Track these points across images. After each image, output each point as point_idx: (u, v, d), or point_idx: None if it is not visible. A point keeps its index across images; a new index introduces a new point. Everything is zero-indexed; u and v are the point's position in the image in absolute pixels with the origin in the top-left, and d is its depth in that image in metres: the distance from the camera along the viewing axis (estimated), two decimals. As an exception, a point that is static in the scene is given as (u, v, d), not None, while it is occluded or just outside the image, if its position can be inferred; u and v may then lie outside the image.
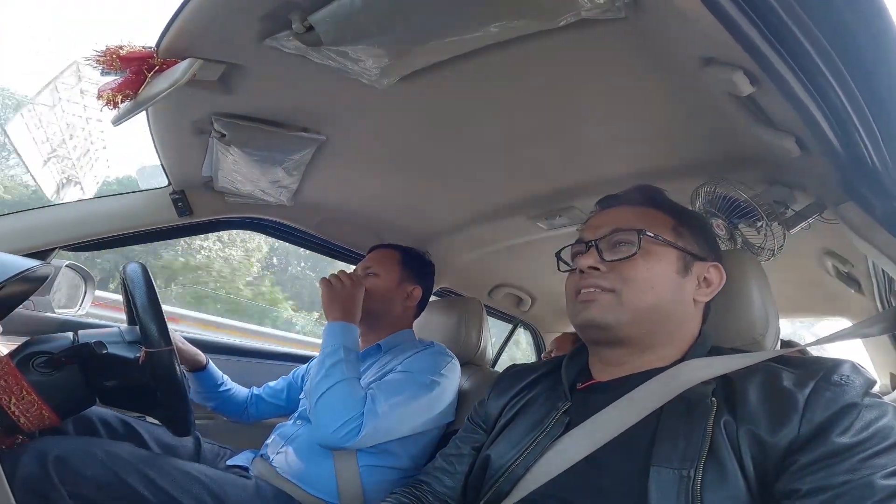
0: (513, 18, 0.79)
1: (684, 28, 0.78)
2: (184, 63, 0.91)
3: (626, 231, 0.86)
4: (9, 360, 0.93)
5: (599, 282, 0.84)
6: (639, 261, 0.83)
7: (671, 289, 0.84)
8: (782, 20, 0.63)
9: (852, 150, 0.80)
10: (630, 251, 0.84)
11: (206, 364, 1.46)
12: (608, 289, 0.83)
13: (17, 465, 0.92)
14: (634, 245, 0.84)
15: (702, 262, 0.88)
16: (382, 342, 1.49)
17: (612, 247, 0.87)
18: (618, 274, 0.84)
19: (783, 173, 1.13)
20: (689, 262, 0.86)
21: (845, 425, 0.62)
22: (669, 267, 0.84)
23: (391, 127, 1.23)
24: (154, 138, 1.26)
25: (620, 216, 0.90)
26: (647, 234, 0.85)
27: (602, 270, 0.85)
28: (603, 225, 0.90)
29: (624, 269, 0.84)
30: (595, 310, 0.83)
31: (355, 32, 0.83)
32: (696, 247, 0.88)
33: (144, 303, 1.02)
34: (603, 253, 0.86)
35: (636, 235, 0.84)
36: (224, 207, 1.56)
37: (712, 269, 0.88)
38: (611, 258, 0.85)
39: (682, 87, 0.95)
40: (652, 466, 0.68)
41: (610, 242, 0.87)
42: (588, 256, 0.86)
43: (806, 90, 0.72)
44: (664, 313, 0.83)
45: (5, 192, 11.87)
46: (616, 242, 0.87)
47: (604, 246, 0.87)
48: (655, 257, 0.84)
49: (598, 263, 0.85)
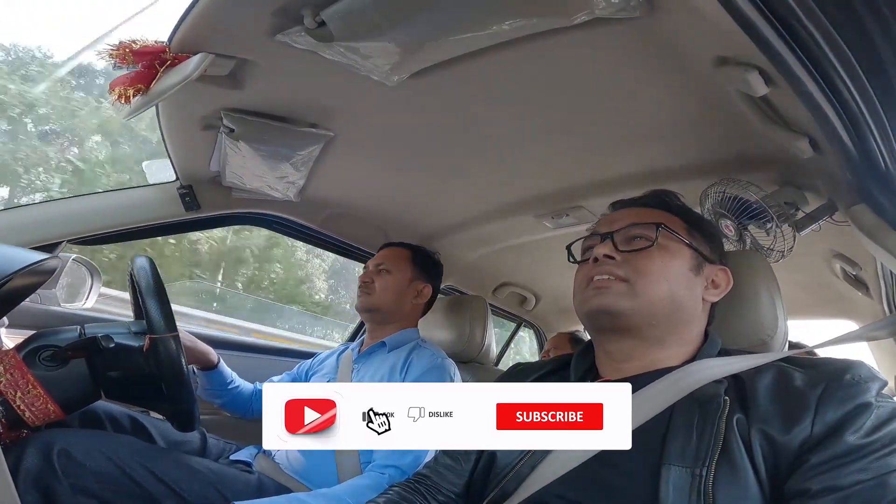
0: (526, 16, 0.79)
1: (699, 27, 0.77)
2: (195, 58, 0.91)
3: (643, 225, 0.86)
4: (15, 354, 0.92)
5: (614, 269, 0.83)
6: (654, 253, 0.83)
7: (684, 284, 0.83)
8: (800, 20, 0.63)
9: (866, 152, 0.80)
10: (646, 244, 0.84)
11: (218, 362, 1.46)
12: (622, 277, 0.83)
13: (21, 458, 0.92)
14: (651, 239, 0.84)
15: (711, 265, 0.88)
16: (387, 339, 1.49)
17: (627, 240, 0.86)
18: (632, 265, 0.83)
19: (795, 175, 1.12)
20: (700, 263, 0.86)
21: (858, 425, 0.62)
22: (683, 264, 0.84)
23: (400, 124, 1.23)
24: (163, 132, 1.26)
25: (635, 213, 0.90)
26: (666, 229, 0.85)
27: (617, 260, 0.84)
28: (619, 220, 0.90)
29: (639, 261, 0.83)
30: (608, 296, 0.82)
31: (367, 28, 0.83)
32: (708, 250, 0.88)
33: (149, 290, 1.02)
34: (618, 244, 0.86)
35: (654, 229, 0.84)
36: (231, 202, 1.56)
37: (720, 272, 0.88)
38: (626, 249, 0.85)
39: (695, 87, 0.95)
40: (664, 465, 0.67)
41: (626, 236, 0.87)
42: (603, 246, 0.86)
43: (821, 90, 0.72)
44: (676, 306, 0.82)
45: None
46: (632, 236, 0.86)
47: (619, 238, 0.87)
48: (670, 253, 0.84)
49: (614, 252, 0.85)
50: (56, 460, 0.94)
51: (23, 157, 10.18)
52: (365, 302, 1.54)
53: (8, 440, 0.94)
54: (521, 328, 3.01)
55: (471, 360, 1.95)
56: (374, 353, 1.50)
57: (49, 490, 0.93)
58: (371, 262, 1.62)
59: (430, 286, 1.61)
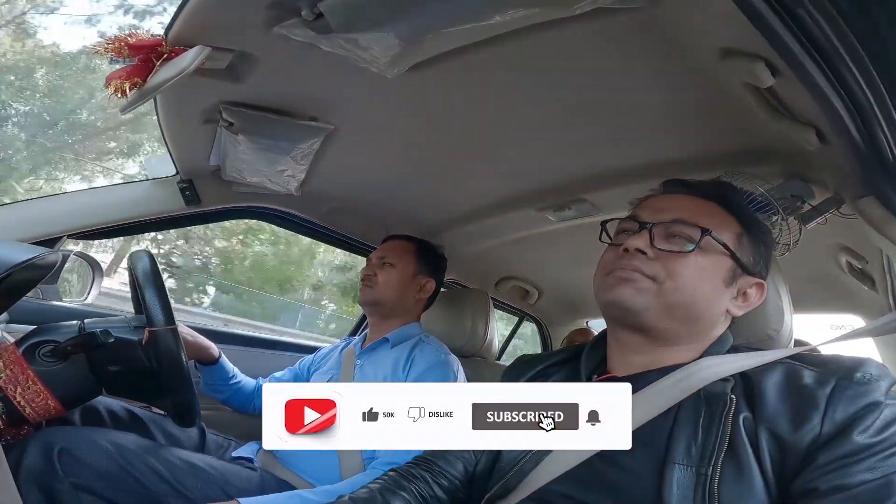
0: (526, 6, 0.77)
1: (704, 17, 0.76)
2: (192, 51, 0.90)
3: (689, 225, 0.80)
4: (15, 349, 0.92)
5: (642, 266, 0.79)
6: (691, 258, 0.78)
7: (711, 295, 0.79)
8: (806, 9, 0.61)
9: (873, 143, 0.79)
10: (686, 247, 0.79)
11: (219, 357, 1.46)
12: (649, 276, 0.78)
13: (22, 456, 0.93)
14: (693, 242, 0.79)
15: (748, 277, 0.83)
16: (390, 335, 1.49)
17: (667, 235, 0.81)
18: (663, 264, 0.79)
19: (801, 167, 1.11)
20: (737, 274, 0.81)
21: (867, 424, 0.61)
22: (718, 274, 0.80)
23: (400, 117, 1.22)
24: (162, 127, 1.25)
25: (685, 206, 0.84)
26: (712, 237, 0.79)
27: (649, 256, 0.79)
28: (665, 209, 0.84)
29: (673, 262, 0.79)
30: (627, 290, 0.79)
31: (365, 20, 0.82)
32: (751, 260, 0.83)
33: (147, 283, 1.02)
34: (655, 239, 0.80)
35: (700, 233, 0.79)
36: (232, 196, 1.56)
37: (755, 286, 0.83)
38: (663, 247, 0.80)
39: (700, 79, 0.94)
40: (668, 463, 0.67)
41: (667, 231, 0.81)
42: (639, 238, 0.80)
43: (828, 81, 0.70)
44: (695, 315, 0.79)
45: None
46: (673, 233, 0.81)
47: (658, 232, 0.81)
48: (709, 260, 0.79)
49: (648, 248, 0.79)
50: (57, 459, 0.94)
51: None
52: (367, 296, 1.54)
53: (9, 436, 0.94)
54: (523, 322, 3.00)
55: (472, 355, 1.95)
56: (377, 349, 1.50)
57: (50, 488, 0.93)
58: (374, 255, 1.61)
59: (433, 281, 1.60)
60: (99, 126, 12.47)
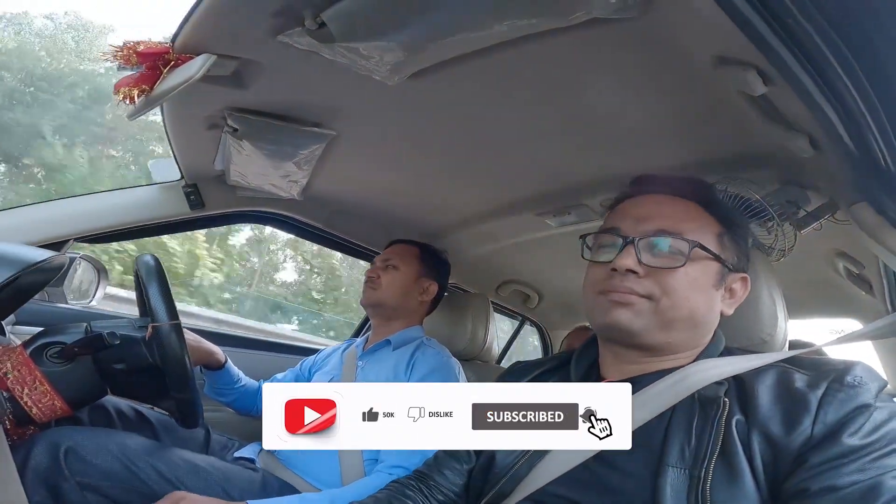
0: (523, 16, 0.79)
1: (697, 27, 0.77)
2: (198, 59, 0.91)
3: (675, 237, 0.79)
4: (22, 351, 0.94)
5: (635, 287, 0.78)
6: (681, 271, 0.77)
7: (706, 302, 0.79)
8: (796, 19, 0.63)
9: (866, 150, 0.80)
10: (676, 262, 0.78)
11: (225, 362, 1.47)
12: (644, 295, 0.77)
13: (28, 456, 0.94)
14: (684, 255, 0.77)
15: (734, 274, 0.83)
16: (392, 338, 1.50)
17: (652, 247, 0.79)
18: (655, 280, 0.78)
19: (795, 173, 1.12)
20: (724, 275, 0.82)
21: (857, 426, 0.62)
22: (708, 280, 0.80)
23: (401, 123, 1.23)
24: (168, 132, 1.28)
25: (665, 212, 0.82)
26: (701, 248, 0.78)
27: (640, 274, 0.78)
28: (646, 218, 0.82)
29: (665, 277, 0.77)
30: (625, 314, 0.78)
31: (367, 30, 0.83)
32: (735, 258, 0.84)
33: (151, 280, 1.05)
34: (641, 253, 0.78)
35: (688, 246, 0.78)
36: (236, 201, 1.58)
37: (739, 281, 0.84)
38: (652, 264, 0.78)
39: (694, 86, 0.95)
40: (663, 466, 0.67)
41: (651, 243, 0.80)
42: (626, 256, 0.78)
43: (819, 89, 0.72)
44: (693, 324, 0.79)
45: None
46: (660, 246, 0.80)
47: (643, 245, 0.79)
48: (699, 269, 0.79)
49: (637, 266, 0.78)
50: (63, 458, 0.96)
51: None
52: (370, 297, 1.55)
53: (16, 436, 0.95)
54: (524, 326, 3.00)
55: (473, 358, 1.96)
56: (379, 351, 1.51)
57: (56, 488, 0.94)
58: (379, 257, 1.63)
59: (436, 284, 1.61)
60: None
